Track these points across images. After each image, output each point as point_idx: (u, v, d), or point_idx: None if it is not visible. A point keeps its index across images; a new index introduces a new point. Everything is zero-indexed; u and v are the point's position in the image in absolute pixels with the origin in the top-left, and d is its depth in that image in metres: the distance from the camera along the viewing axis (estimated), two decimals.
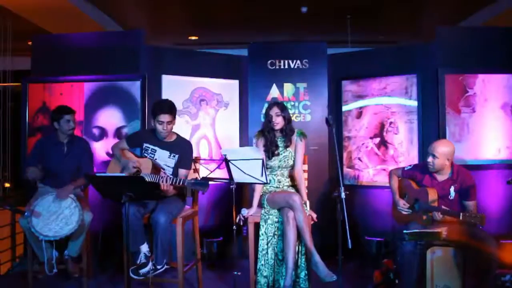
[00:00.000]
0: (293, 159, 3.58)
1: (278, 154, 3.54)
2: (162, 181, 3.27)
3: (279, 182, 3.57)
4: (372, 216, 4.65)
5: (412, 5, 6.14)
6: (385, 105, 4.63)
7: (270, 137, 3.54)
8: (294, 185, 3.61)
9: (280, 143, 3.57)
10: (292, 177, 3.63)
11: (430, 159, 3.40)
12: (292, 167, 3.60)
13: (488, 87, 4.35)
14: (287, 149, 3.56)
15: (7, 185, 7.01)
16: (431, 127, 4.41)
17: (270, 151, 3.54)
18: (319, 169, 4.70)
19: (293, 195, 3.31)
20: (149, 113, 4.29)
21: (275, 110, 3.52)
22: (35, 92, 4.56)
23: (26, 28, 6.20)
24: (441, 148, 3.36)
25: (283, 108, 3.56)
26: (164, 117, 3.43)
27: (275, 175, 3.58)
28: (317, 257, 3.18)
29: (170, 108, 3.48)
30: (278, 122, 3.52)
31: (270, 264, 3.35)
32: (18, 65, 6.72)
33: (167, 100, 3.59)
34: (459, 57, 4.41)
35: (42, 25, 6.38)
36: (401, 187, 3.67)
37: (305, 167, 3.77)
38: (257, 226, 3.44)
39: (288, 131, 3.56)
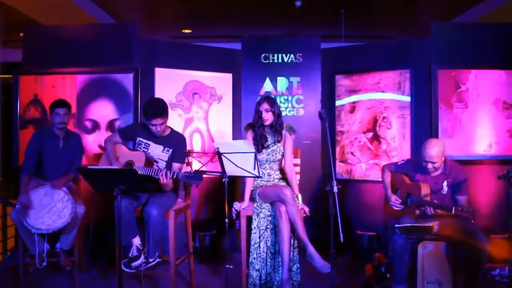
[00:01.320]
0: (281, 153, 3.56)
1: (267, 147, 3.52)
2: (155, 174, 3.27)
3: (269, 175, 3.55)
4: (365, 210, 4.68)
5: (406, 1, 6.14)
6: (378, 99, 4.64)
7: (260, 131, 3.52)
8: (285, 177, 3.60)
9: (269, 137, 3.56)
10: (282, 170, 3.63)
11: (430, 166, 3.36)
12: (281, 161, 3.59)
13: (480, 83, 4.37)
14: (277, 144, 3.55)
15: None
16: (423, 122, 4.43)
17: (260, 144, 3.51)
18: (312, 163, 4.71)
19: (284, 189, 3.30)
20: (142, 108, 4.27)
21: (264, 106, 3.47)
22: (26, 85, 4.52)
23: (18, 19, 6.12)
24: (436, 152, 3.31)
25: (272, 103, 3.48)
26: (157, 121, 3.39)
27: (264, 168, 3.55)
28: (311, 249, 3.17)
29: (162, 111, 3.40)
30: (268, 118, 3.48)
31: (262, 257, 3.35)
32: (9, 57, 6.64)
33: (158, 101, 3.48)
34: (452, 52, 4.43)
35: (34, 16, 6.29)
36: (393, 182, 3.68)
37: (298, 161, 3.77)
38: (249, 219, 3.43)
39: (277, 126, 3.52)
